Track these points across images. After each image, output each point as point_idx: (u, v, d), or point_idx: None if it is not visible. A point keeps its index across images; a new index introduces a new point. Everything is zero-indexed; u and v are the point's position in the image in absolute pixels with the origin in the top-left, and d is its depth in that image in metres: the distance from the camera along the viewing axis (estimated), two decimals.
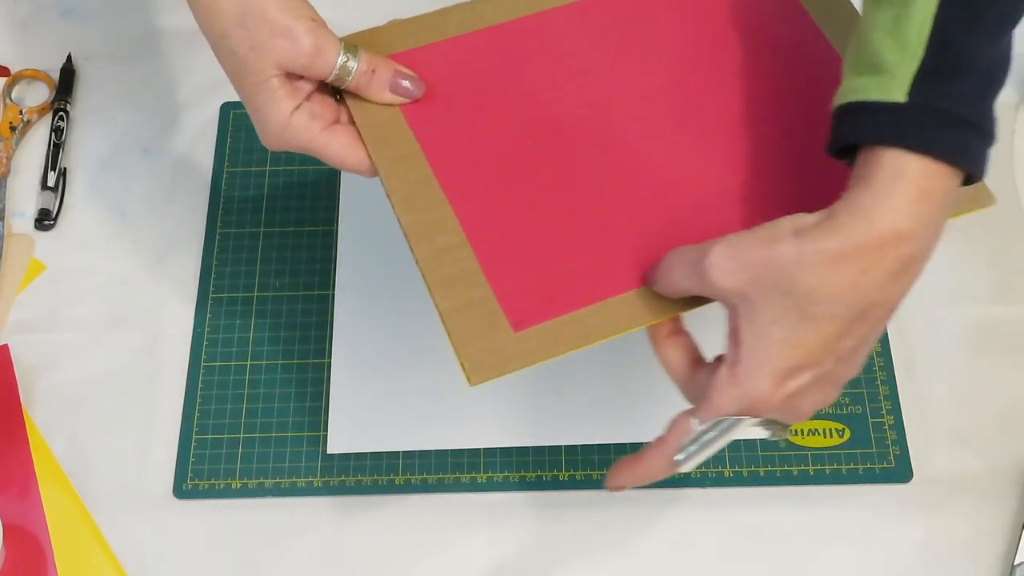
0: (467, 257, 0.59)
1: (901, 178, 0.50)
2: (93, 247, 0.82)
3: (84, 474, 0.74)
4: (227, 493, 0.73)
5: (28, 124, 0.86)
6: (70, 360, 0.78)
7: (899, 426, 0.74)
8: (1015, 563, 0.70)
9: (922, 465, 0.74)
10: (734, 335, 0.52)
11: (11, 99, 0.87)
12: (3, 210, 0.83)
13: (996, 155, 0.84)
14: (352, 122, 0.63)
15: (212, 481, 0.74)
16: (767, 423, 0.54)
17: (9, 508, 0.72)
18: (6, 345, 0.78)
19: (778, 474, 0.73)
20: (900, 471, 0.73)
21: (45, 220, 0.82)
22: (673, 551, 0.71)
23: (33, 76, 0.89)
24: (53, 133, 0.86)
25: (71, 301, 0.80)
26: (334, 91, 0.63)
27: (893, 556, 0.71)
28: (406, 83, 0.62)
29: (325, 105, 0.62)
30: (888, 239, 0.50)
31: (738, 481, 0.73)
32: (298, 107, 0.60)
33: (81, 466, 0.74)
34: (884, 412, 0.75)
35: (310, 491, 0.73)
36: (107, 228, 0.83)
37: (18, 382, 0.77)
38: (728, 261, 0.52)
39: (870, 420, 0.75)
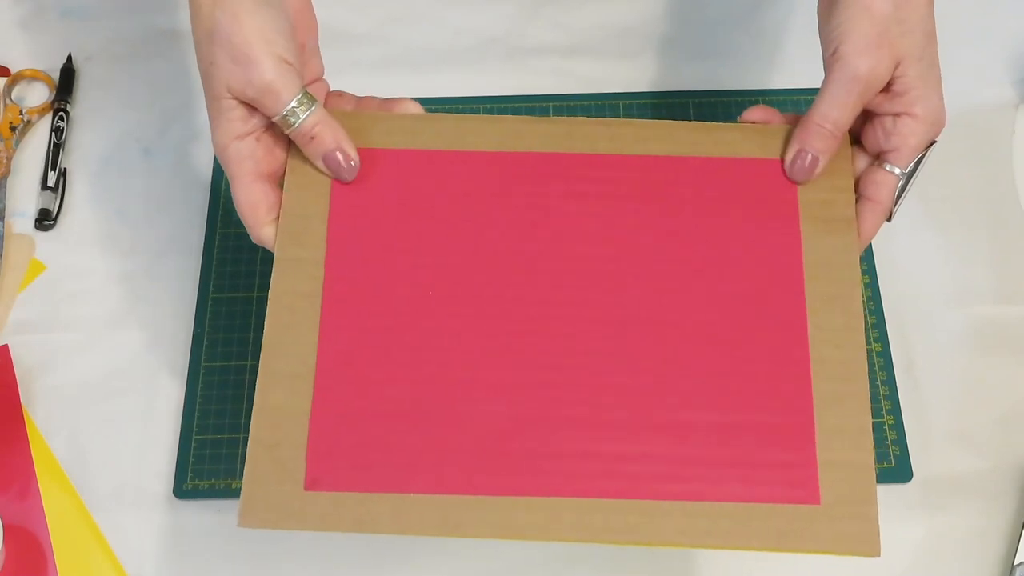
0: (303, 394, 0.56)
1: None
2: (93, 247, 0.82)
3: (84, 474, 0.74)
4: (227, 493, 0.73)
5: (28, 124, 0.86)
6: (70, 360, 0.78)
7: (899, 426, 0.74)
8: (1015, 563, 0.70)
9: (922, 465, 0.74)
10: (894, 92, 0.60)
11: (11, 99, 0.87)
12: (3, 210, 0.83)
13: (996, 155, 0.85)
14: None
15: (212, 481, 0.74)
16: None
17: (9, 508, 0.72)
18: (6, 345, 0.78)
19: None
20: (900, 471, 0.73)
21: (45, 220, 0.82)
22: (672, 552, 0.71)
23: (33, 76, 0.88)
24: (53, 133, 0.86)
25: (71, 301, 0.80)
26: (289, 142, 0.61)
27: (893, 556, 0.71)
28: (340, 159, 0.60)
29: (271, 153, 0.61)
30: None
31: None
32: (243, 137, 0.60)
33: (81, 466, 0.74)
34: (884, 412, 0.75)
35: None
36: (107, 228, 0.83)
37: (18, 382, 0.77)
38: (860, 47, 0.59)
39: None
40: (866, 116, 0.62)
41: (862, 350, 0.57)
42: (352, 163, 0.60)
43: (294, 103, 0.58)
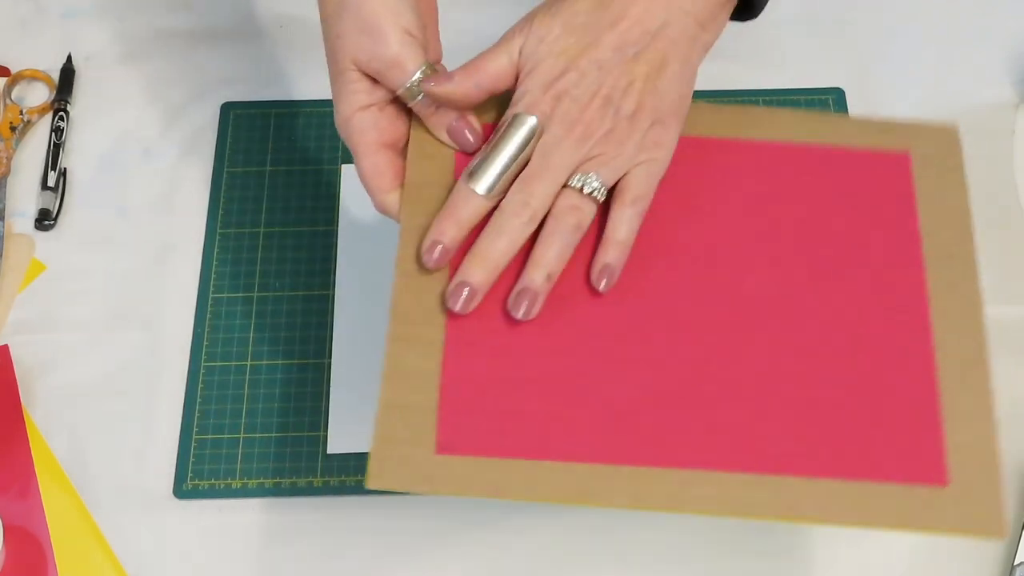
0: (433, 359, 0.55)
1: None
2: (93, 247, 0.82)
3: (84, 474, 0.74)
4: (227, 493, 0.73)
5: (28, 124, 0.86)
6: (70, 360, 0.78)
7: None
8: (1015, 563, 0.70)
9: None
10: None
11: (11, 99, 0.87)
12: (3, 210, 0.83)
13: (996, 155, 0.85)
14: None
15: (212, 481, 0.74)
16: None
17: (9, 508, 0.72)
18: (6, 345, 0.78)
19: None
20: None
21: (45, 220, 0.82)
22: (674, 551, 0.71)
23: (33, 76, 0.88)
24: (53, 133, 0.86)
25: (71, 301, 0.80)
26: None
27: (893, 556, 0.71)
28: (467, 132, 0.61)
29: (393, 124, 0.61)
30: None
31: None
32: (366, 108, 0.60)
33: (81, 466, 0.74)
34: None
35: (310, 491, 0.73)
36: (107, 228, 0.83)
37: (18, 382, 0.77)
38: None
39: None
40: None
41: (983, 334, 0.59)
42: (476, 132, 0.61)
43: (419, 75, 0.59)
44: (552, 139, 0.58)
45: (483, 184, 0.58)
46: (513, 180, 0.58)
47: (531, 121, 0.58)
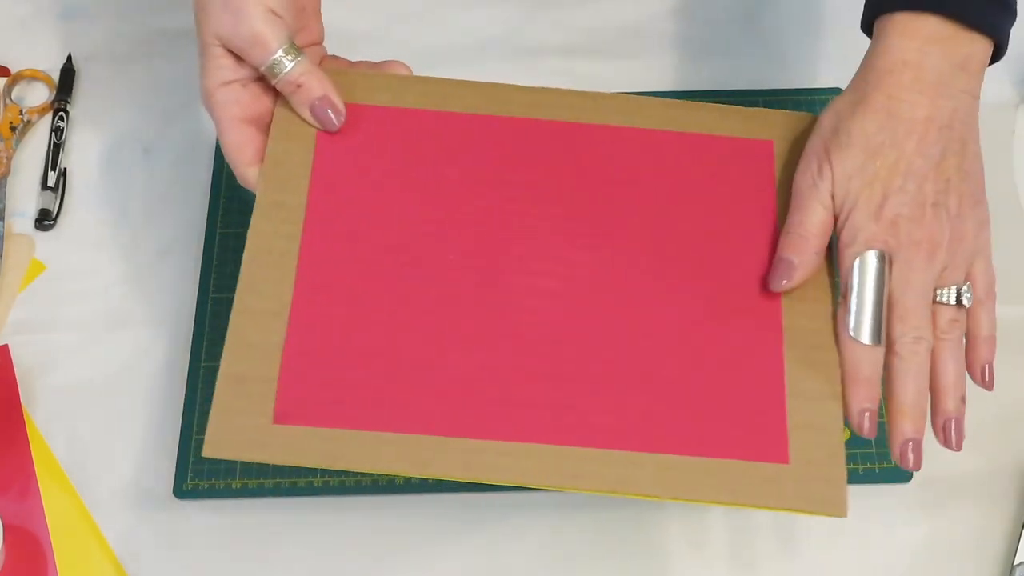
0: (277, 331, 0.57)
1: (909, 27, 0.59)
2: (93, 247, 0.82)
3: (84, 474, 0.74)
4: (227, 493, 0.73)
5: (28, 124, 0.86)
6: (70, 360, 0.78)
7: None
8: (1015, 563, 0.70)
9: (922, 465, 0.73)
10: (836, 203, 0.60)
11: (11, 99, 0.87)
12: (3, 210, 0.83)
13: (996, 155, 0.85)
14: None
15: (212, 481, 0.73)
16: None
17: (9, 508, 0.72)
18: (6, 345, 0.78)
19: None
20: (900, 471, 0.73)
21: (45, 220, 0.82)
22: (675, 551, 0.71)
23: (33, 76, 0.88)
24: (53, 133, 0.86)
25: (71, 301, 0.80)
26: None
27: (893, 556, 0.71)
28: (328, 112, 0.61)
29: (258, 100, 0.62)
30: (895, 68, 0.59)
31: None
32: (229, 83, 0.61)
33: (81, 466, 0.74)
34: (884, 412, 0.75)
35: (310, 491, 0.73)
36: (107, 228, 0.83)
37: (18, 382, 0.77)
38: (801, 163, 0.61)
39: None
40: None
41: (829, 318, 0.59)
42: (335, 115, 0.61)
43: (280, 53, 0.60)
44: (907, 266, 0.59)
45: (869, 334, 0.59)
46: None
47: (878, 256, 0.59)
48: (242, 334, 0.57)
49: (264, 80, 0.62)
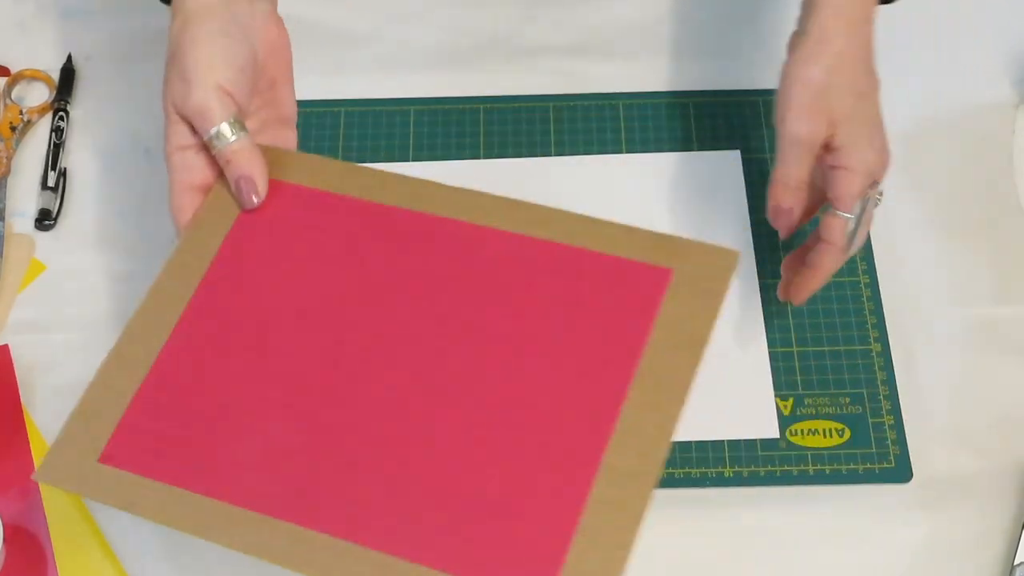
0: (135, 379, 0.61)
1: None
2: (93, 247, 0.82)
3: None
4: None
5: (28, 124, 0.86)
6: (70, 360, 0.78)
7: (899, 426, 0.74)
8: (1015, 563, 0.70)
9: (922, 465, 0.74)
10: (831, 148, 0.68)
11: (11, 99, 0.87)
12: (3, 210, 0.83)
13: (996, 155, 0.85)
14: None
15: None
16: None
17: (9, 508, 0.72)
18: (6, 345, 0.78)
19: (778, 474, 0.73)
20: (900, 471, 0.73)
21: (45, 220, 0.82)
22: (673, 552, 0.71)
23: (33, 76, 0.89)
24: (53, 133, 0.86)
25: (71, 301, 0.80)
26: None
27: (893, 556, 0.71)
28: (248, 190, 0.65)
29: (208, 167, 0.65)
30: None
31: (738, 481, 0.73)
32: (184, 148, 0.65)
33: None
34: (884, 412, 0.75)
35: None
36: (107, 228, 0.83)
37: (18, 382, 0.77)
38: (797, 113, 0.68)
39: (870, 420, 0.75)
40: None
41: (659, 460, 0.55)
42: (254, 194, 0.65)
43: (223, 127, 0.63)
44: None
45: (857, 247, 0.72)
46: None
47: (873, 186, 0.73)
48: (107, 375, 0.61)
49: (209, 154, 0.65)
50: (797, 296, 0.73)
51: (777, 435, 0.74)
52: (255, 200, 0.65)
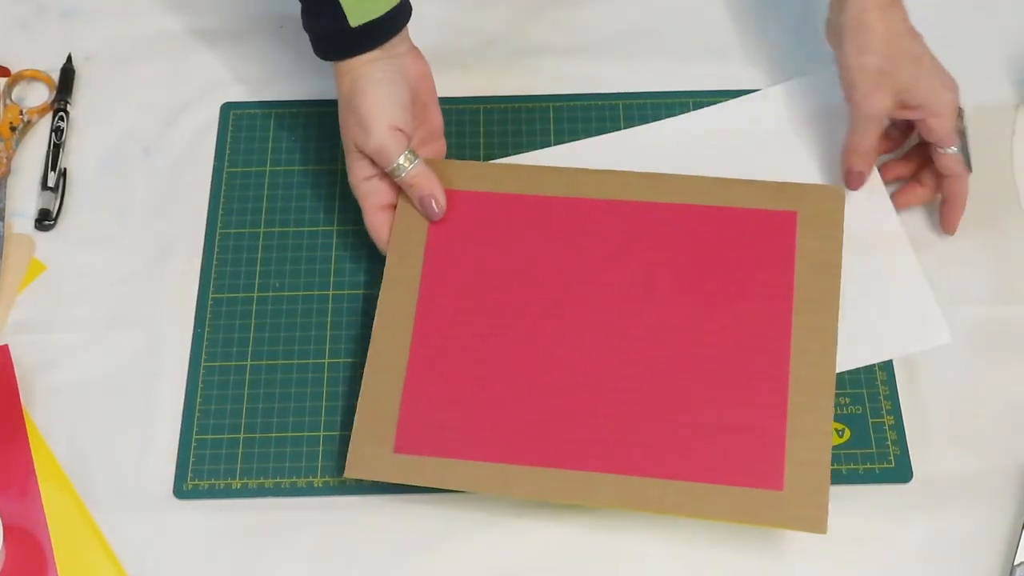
0: (397, 382, 0.72)
1: None
2: (93, 247, 0.82)
3: (84, 474, 0.74)
4: (227, 493, 0.73)
5: (28, 124, 0.86)
6: (70, 360, 0.78)
7: (899, 426, 0.74)
8: (1015, 563, 0.70)
9: (922, 465, 0.74)
10: (910, 108, 0.77)
11: (11, 99, 0.87)
12: (3, 210, 0.83)
13: (996, 155, 0.85)
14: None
15: (212, 481, 0.74)
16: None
17: (9, 508, 0.72)
18: (6, 345, 0.78)
19: None
20: (900, 471, 0.73)
21: (45, 220, 0.82)
22: (674, 552, 0.71)
23: (33, 76, 0.89)
24: (53, 133, 0.86)
25: (71, 301, 0.80)
26: None
27: (893, 556, 0.71)
28: (432, 205, 0.76)
29: (392, 189, 0.77)
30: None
31: None
32: (369, 178, 0.76)
33: (81, 466, 0.74)
34: (884, 412, 0.75)
35: (310, 491, 0.73)
36: (107, 228, 0.83)
37: (18, 382, 0.77)
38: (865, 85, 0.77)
39: (870, 420, 0.75)
40: (908, 124, 0.80)
41: (832, 371, 0.70)
42: (437, 207, 0.76)
43: (401, 160, 0.74)
44: None
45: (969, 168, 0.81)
46: None
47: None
48: (372, 385, 0.73)
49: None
50: (951, 226, 0.80)
51: (947, 340, 0.76)
52: (438, 212, 0.76)
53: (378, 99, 0.74)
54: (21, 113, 0.86)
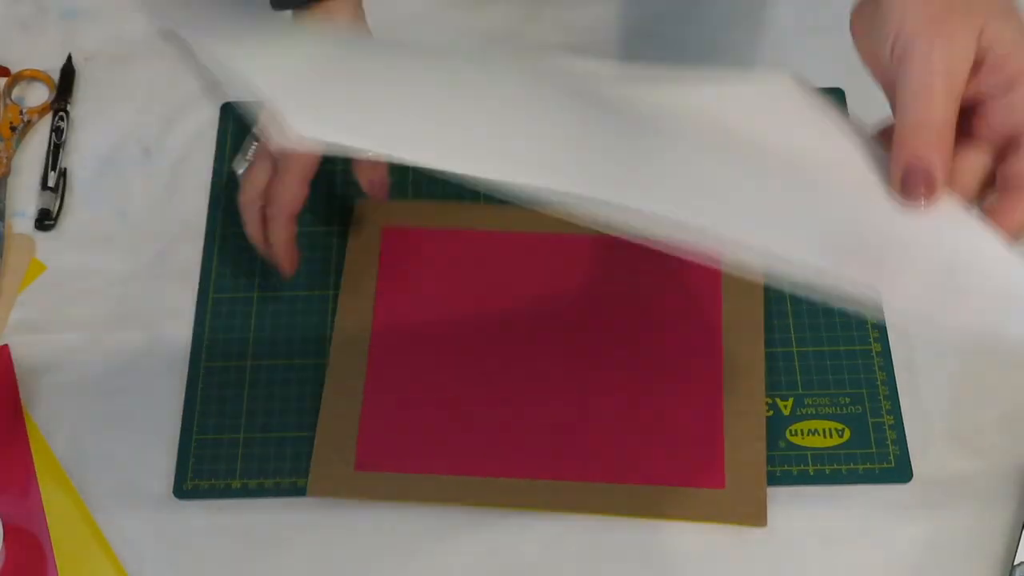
0: (355, 405, 0.75)
1: None
2: (93, 247, 0.82)
3: (84, 474, 0.74)
4: (227, 493, 0.73)
5: (28, 124, 0.87)
6: (70, 360, 0.78)
7: (899, 426, 0.74)
8: (1015, 563, 0.70)
9: (922, 465, 0.74)
10: (990, 67, 0.51)
11: (11, 99, 0.87)
12: (3, 210, 0.83)
13: None
14: None
15: (212, 481, 0.74)
16: None
17: (9, 508, 0.72)
18: (6, 345, 0.78)
19: (778, 474, 0.73)
20: (900, 471, 0.73)
21: (45, 220, 0.82)
22: (673, 551, 0.71)
23: (33, 76, 0.89)
24: (53, 133, 0.86)
25: (71, 301, 0.80)
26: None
27: (893, 556, 0.71)
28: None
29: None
30: None
31: None
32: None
33: (81, 466, 0.74)
34: (884, 412, 0.75)
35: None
36: (107, 228, 0.83)
37: (18, 382, 0.77)
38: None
39: (870, 420, 0.75)
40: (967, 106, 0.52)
41: (762, 381, 0.75)
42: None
43: None
44: None
45: None
46: None
47: None
48: (331, 407, 0.75)
49: None
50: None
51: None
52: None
53: None
54: (21, 113, 0.86)
